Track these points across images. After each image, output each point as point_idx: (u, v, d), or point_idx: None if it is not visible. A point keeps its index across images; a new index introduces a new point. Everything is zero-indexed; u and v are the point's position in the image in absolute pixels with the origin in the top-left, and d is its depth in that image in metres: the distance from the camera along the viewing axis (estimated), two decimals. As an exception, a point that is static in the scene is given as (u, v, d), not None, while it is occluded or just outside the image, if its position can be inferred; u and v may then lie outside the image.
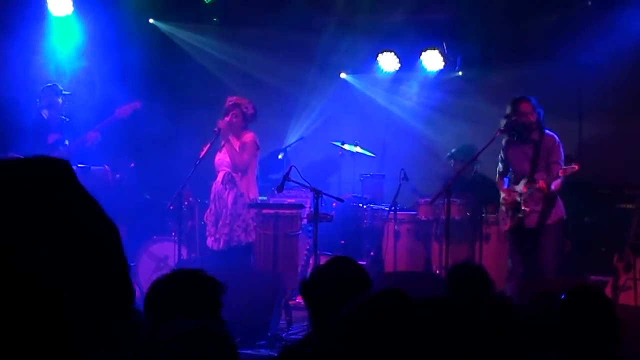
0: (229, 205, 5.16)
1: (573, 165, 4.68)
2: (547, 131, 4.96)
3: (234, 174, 5.23)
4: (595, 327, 1.90)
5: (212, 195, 5.32)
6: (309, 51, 7.01)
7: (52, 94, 5.48)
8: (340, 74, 7.52)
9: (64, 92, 5.55)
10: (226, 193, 5.23)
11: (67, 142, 5.48)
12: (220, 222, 5.18)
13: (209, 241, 5.25)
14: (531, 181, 4.93)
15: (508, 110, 4.98)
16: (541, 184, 4.82)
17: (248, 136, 5.31)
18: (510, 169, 5.15)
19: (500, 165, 5.22)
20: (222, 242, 5.15)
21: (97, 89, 6.22)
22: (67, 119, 5.58)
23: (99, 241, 0.93)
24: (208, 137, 5.36)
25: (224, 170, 5.27)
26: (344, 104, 7.42)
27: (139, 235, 6.02)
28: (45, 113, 5.44)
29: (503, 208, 5.07)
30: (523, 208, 4.92)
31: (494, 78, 6.68)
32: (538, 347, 1.93)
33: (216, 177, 5.32)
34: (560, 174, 4.76)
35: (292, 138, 7.27)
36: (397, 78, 7.32)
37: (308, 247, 5.82)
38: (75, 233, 0.91)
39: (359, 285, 2.28)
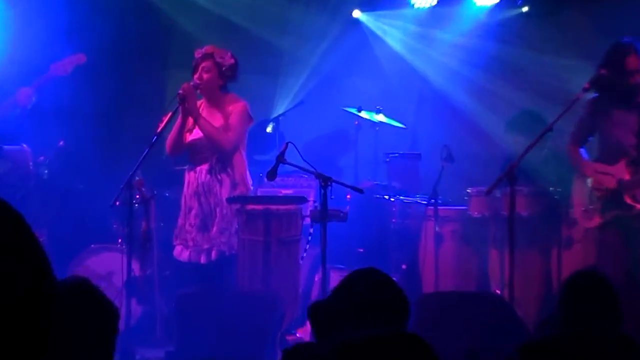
0: (225, 203, 5.28)
1: None
2: None
3: (224, 159, 5.30)
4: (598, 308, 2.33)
5: (189, 190, 5.33)
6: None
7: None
8: (352, 12, 7.55)
9: None
10: (218, 186, 5.26)
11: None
12: (215, 228, 5.20)
13: (187, 253, 5.28)
14: (638, 163, 4.84)
15: (605, 62, 4.84)
16: None
17: (235, 105, 5.32)
18: (599, 141, 5.05)
19: (576, 129, 5.10)
20: (214, 254, 5.19)
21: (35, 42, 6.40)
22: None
23: None
24: (168, 107, 5.42)
25: (208, 155, 5.28)
26: (358, 56, 7.39)
27: (70, 243, 6.01)
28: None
29: (590, 195, 4.93)
30: (628, 202, 4.80)
31: (575, 17, 6.62)
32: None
33: (191, 163, 5.35)
34: None
35: (284, 103, 7.33)
36: (433, 16, 7.32)
37: (311, 257, 5.84)
38: None
39: (393, 312, 2.27)
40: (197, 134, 5.33)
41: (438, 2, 7.20)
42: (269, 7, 7.33)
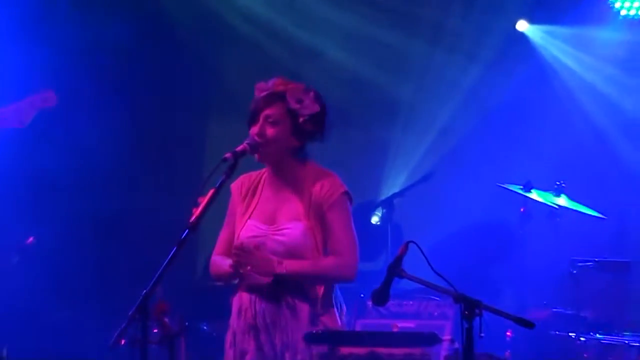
0: (301, 343, 4.97)
1: None
2: None
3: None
4: None
5: (240, 323, 5.05)
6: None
7: None
8: (516, 23, 7.96)
9: None
10: (289, 316, 5.08)
11: None
12: None
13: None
14: None
15: None
16: None
17: (324, 188, 5.04)
18: None
19: None
20: None
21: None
22: None
23: None
24: (207, 183, 4.91)
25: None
26: (523, 97, 7.66)
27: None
28: None
29: None
30: None
31: None
32: None
33: (243, 276, 5.05)
34: None
35: (400, 178, 7.69)
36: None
37: None
38: None
39: None
40: (253, 227, 4.98)
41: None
42: (376, 38, 7.85)
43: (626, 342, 6.31)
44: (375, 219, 7.09)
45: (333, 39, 8.00)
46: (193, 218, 4.67)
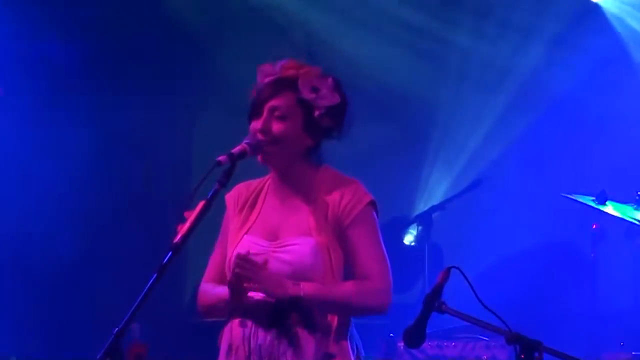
0: None
1: None
2: None
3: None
4: None
5: None
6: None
7: None
8: None
9: None
10: (291, 354, 5.02)
11: None
12: None
13: None
14: None
15: None
16: None
17: (345, 197, 4.97)
18: None
19: None
20: None
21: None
22: None
23: None
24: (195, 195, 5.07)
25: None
26: (595, 78, 7.84)
27: None
28: None
29: None
30: None
31: None
32: None
33: (235, 304, 4.97)
34: None
35: (440, 187, 8.03)
36: None
37: None
38: None
39: None
40: (251, 244, 4.79)
41: None
42: (408, 19, 8.22)
43: None
44: (409, 239, 7.28)
45: (357, 18, 8.09)
46: (178, 237, 4.44)
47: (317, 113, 4.65)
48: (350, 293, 4.72)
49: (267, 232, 4.86)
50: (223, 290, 4.86)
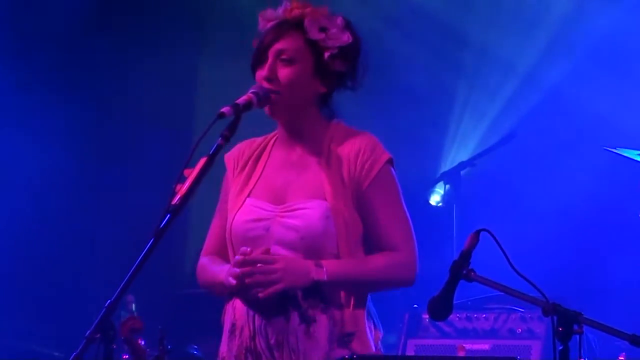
0: None
1: None
2: None
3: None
4: None
5: (236, 343, 4.90)
6: None
7: None
8: None
9: None
10: (302, 335, 5.00)
11: None
12: None
13: None
14: None
15: None
16: None
17: (361, 155, 4.90)
18: None
19: None
20: None
21: None
22: None
23: None
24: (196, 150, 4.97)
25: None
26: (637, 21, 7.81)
27: None
28: None
29: None
30: None
31: None
32: None
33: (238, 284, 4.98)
34: None
35: (470, 141, 8.08)
36: None
37: None
38: None
39: None
40: (254, 208, 4.65)
41: None
42: None
43: None
44: (435, 199, 7.34)
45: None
46: (176, 198, 4.10)
47: (327, 54, 4.50)
48: (378, 269, 4.61)
49: (272, 194, 4.68)
50: (221, 272, 4.69)
